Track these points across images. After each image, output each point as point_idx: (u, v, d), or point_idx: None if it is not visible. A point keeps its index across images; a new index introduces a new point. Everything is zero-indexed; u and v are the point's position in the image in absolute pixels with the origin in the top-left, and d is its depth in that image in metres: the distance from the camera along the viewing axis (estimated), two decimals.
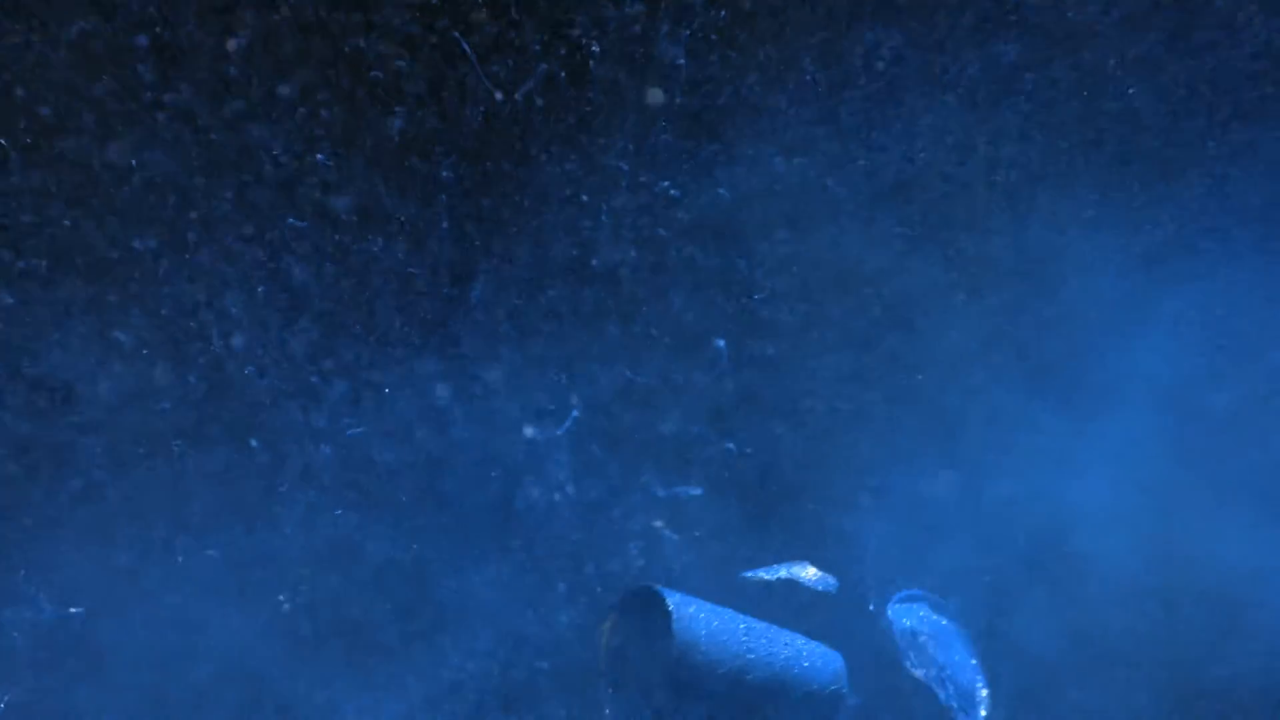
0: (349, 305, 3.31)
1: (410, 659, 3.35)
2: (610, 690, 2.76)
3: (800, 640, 2.81)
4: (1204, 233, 3.27)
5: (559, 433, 3.30)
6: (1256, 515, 3.25)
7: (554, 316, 3.32)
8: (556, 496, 3.34)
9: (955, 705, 3.09)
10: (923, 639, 3.12)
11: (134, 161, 3.13)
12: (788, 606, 3.15)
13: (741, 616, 2.75)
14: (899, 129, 3.20)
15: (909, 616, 3.17)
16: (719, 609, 2.74)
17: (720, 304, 3.27)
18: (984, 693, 3.09)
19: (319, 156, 3.24)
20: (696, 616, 2.65)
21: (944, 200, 3.26)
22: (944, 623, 3.15)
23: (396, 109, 3.20)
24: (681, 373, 3.30)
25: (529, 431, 3.33)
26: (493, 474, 3.32)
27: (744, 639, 2.68)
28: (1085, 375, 3.28)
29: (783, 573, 3.16)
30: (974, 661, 3.12)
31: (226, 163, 3.19)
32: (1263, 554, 3.23)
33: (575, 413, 3.26)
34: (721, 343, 3.21)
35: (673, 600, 2.64)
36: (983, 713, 3.08)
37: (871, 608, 3.16)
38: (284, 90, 3.17)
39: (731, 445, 3.28)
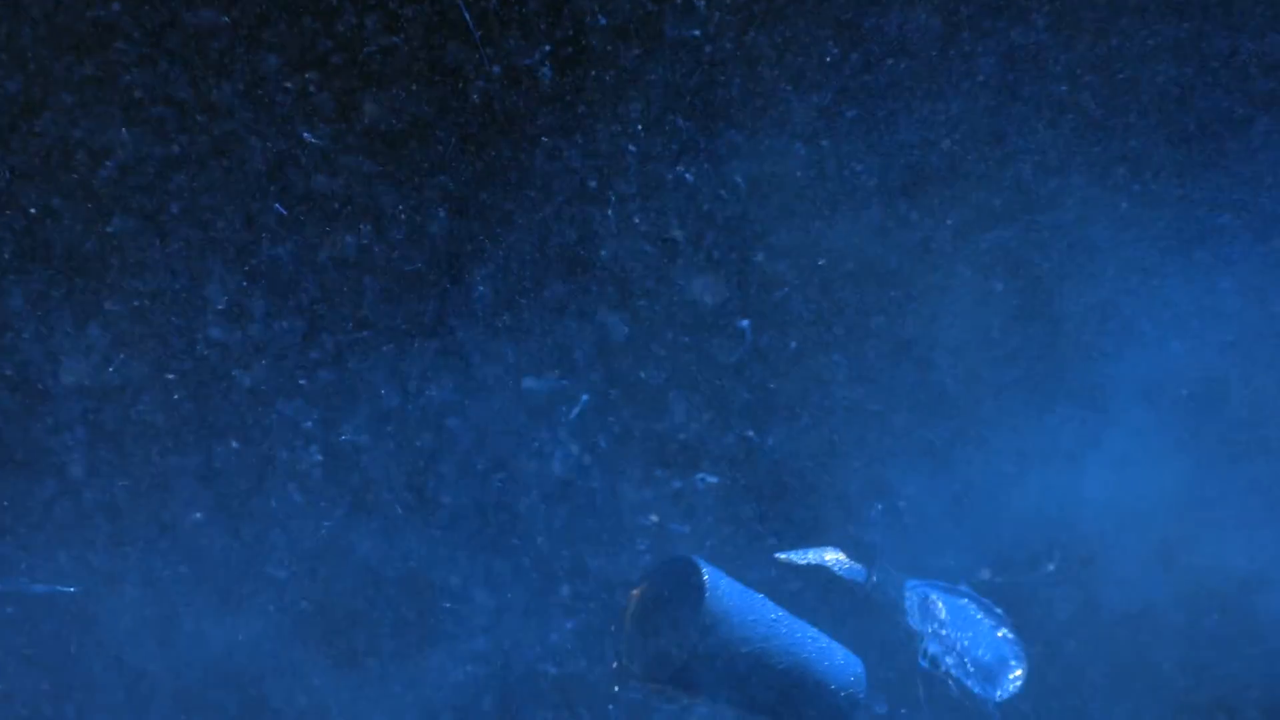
0: (341, 297, 3.21)
1: (408, 662, 3.31)
2: (628, 657, 2.75)
3: (825, 639, 2.81)
4: (1239, 222, 3.18)
5: (568, 421, 3.25)
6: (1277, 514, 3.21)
7: (558, 308, 3.21)
8: (566, 486, 3.30)
9: (950, 663, 3.05)
10: (932, 600, 3.09)
11: (111, 144, 2.99)
12: (812, 592, 3.11)
13: (772, 604, 2.75)
14: (924, 113, 3.14)
15: (926, 589, 3.13)
16: (751, 592, 2.74)
17: (736, 295, 3.20)
18: (1015, 672, 3.05)
19: (306, 135, 3.12)
20: (729, 593, 2.65)
21: (969, 188, 3.20)
22: (965, 603, 3.11)
23: (390, 88, 3.08)
24: (695, 363, 3.22)
25: (536, 423, 3.27)
26: (502, 463, 3.27)
27: (772, 623, 2.68)
28: (1110, 371, 3.22)
29: (811, 557, 3.14)
30: (1005, 640, 3.07)
31: (209, 147, 3.06)
32: None
33: (585, 397, 3.20)
34: (745, 323, 3.17)
35: (708, 571, 2.64)
36: (1012, 679, 3.04)
37: (875, 579, 3.11)
38: (270, 69, 3.03)
39: (752, 433, 3.24)
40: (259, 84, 3.04)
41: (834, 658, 2.78)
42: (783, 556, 3.14)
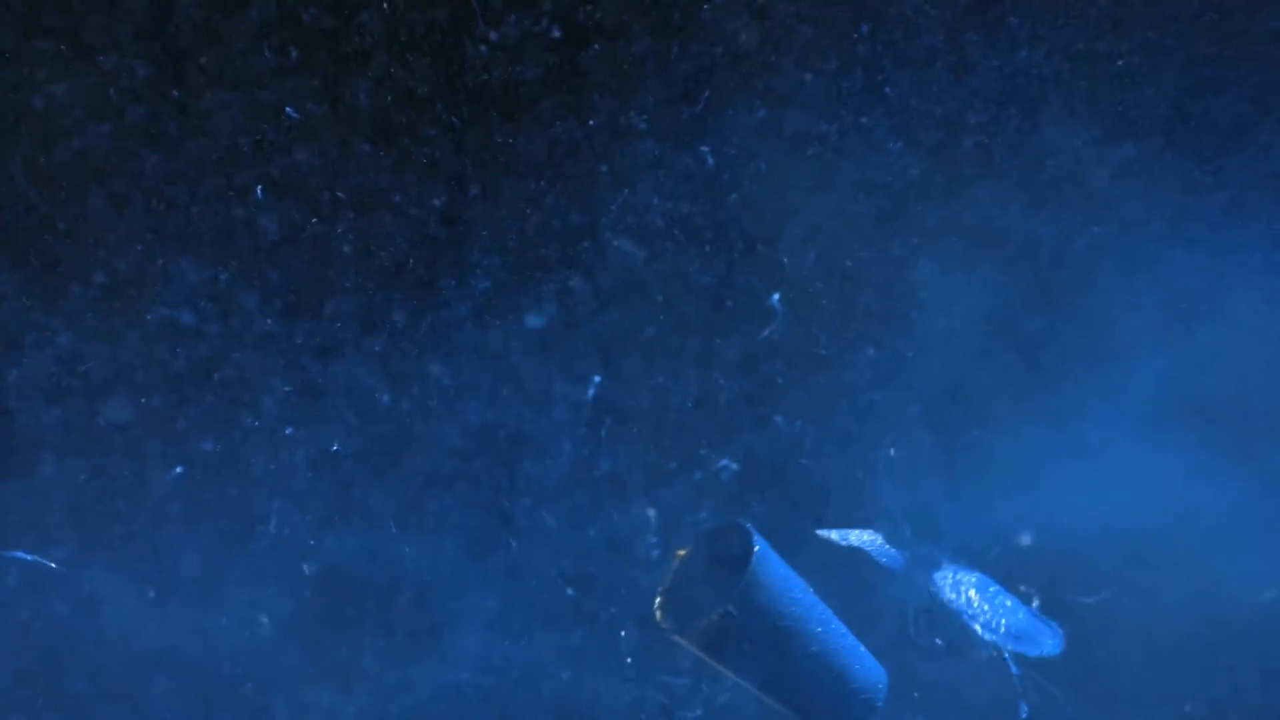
0: (327, 285, 3.05)
1: (408, 665, 3.16)
2: (664, 613, 2.75)
3: (854, 640, 2.82)
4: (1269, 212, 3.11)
5: (581, 405, 3.14)
6: None
7: (565, 292, 3.09)
8: (579, 472, 3.19)
9: (978, 618, 3.04)
10: (962, 579, 3.08)
11: (78, 128, 2.80)
12: (845, 572, 3.11)
13: (813, 593, 2.76)
14: (961, 96, 2.99)
15: (957, 569, 3.14)
16: (796, 575, 2.74)
17: (758, 275, 3.08)
18: (1051, 639, 3.06)
19: (288, 110, 2.94)
20: (775, 566, 2.68)
21: (1006, 181, 3.06)
22: (997, 587, 3.11)
23: (379, 61, 2.91)
24: (717, 347, 3.14)
25: (548, 407, 3.16)
26: (512, 450, 3.17)
27: (809, 608, 2.70)
28: (1140, 370, 3.14)
29: (853, 536, 3.11)
30: (1038, 617, 3.07)
31: (183, 124, 2.88)
32: None
33: (598, 376, 3.11)
34: (776, 297, 3.06)
35: (759, 540, 2.67)
36: (1051, 643, 3.06)
37: (908, 561, 3.10)
38: (249, 37, 2.85)
39: (780, 419, 3.15)
40: (237, 55, 2.86)
41: (861, 660, 2.80)
42: (823, 534, 3.12)
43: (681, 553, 2.80)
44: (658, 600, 2.75)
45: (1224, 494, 3.14)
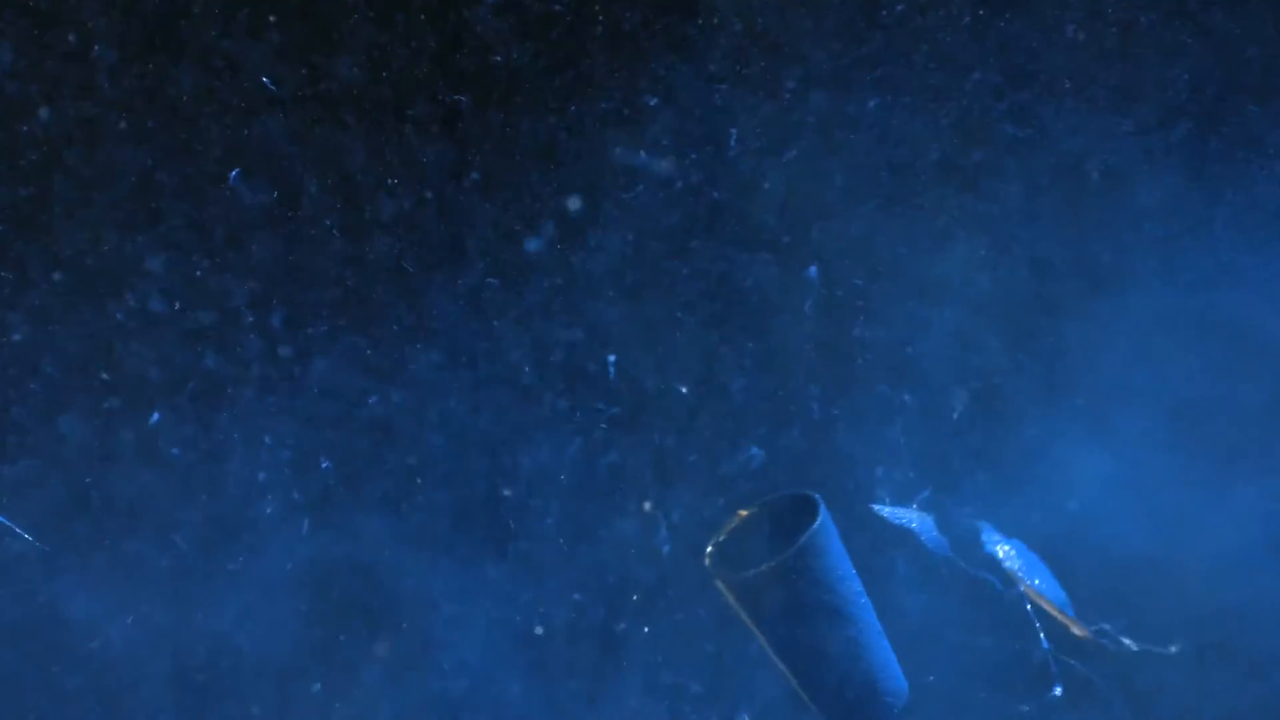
0: (311, 278, 2.97)
1: (405, 672, 3.08)
2: (713, 560, 2.76)
3: (888, 645, 2.82)
4: None
5: (593, 389, 3.09)
6: None
7: (571, 283, 3.02)
8: (589, 464, 3.13)
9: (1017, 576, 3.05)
10: (1009, 543, 3.09)
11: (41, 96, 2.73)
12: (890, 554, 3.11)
13: (861, 585, 2.77)
14: (994, 80, 2.95)
15: (1001, 538, 3.13)
16: (851, 564, 2.75)
17: (778, 274, 3.03)
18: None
19: (268, 83, 2.87)
20: (834, 544, 2.69)
21: (1038, 171, 3.02)
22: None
23: (369, 34, 2.85)
24: (744, 329, 3.10)
25: (556, 395, 3.10)
26: (516, 444, 3.10)
27: (855, 595, 2.72)
28: (1164, 387, 3.10)
29: (904, 517, 3.11)
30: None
31: (151, 98, 2.81)
32: None
33: (612, 358, 3.05)
34: (813, 269, 3.01)
35: (824, 513, 2.67)
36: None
37: (934, 546, 3.10)
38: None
39: (816, 407, 3.11)
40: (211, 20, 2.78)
41: (890, 665, 2.78)
42: (877, 508, 3.13)
43: (743, 513, 2.81)
44: (709, 549, 2.75)
45: (1245, 505, 3.10)
